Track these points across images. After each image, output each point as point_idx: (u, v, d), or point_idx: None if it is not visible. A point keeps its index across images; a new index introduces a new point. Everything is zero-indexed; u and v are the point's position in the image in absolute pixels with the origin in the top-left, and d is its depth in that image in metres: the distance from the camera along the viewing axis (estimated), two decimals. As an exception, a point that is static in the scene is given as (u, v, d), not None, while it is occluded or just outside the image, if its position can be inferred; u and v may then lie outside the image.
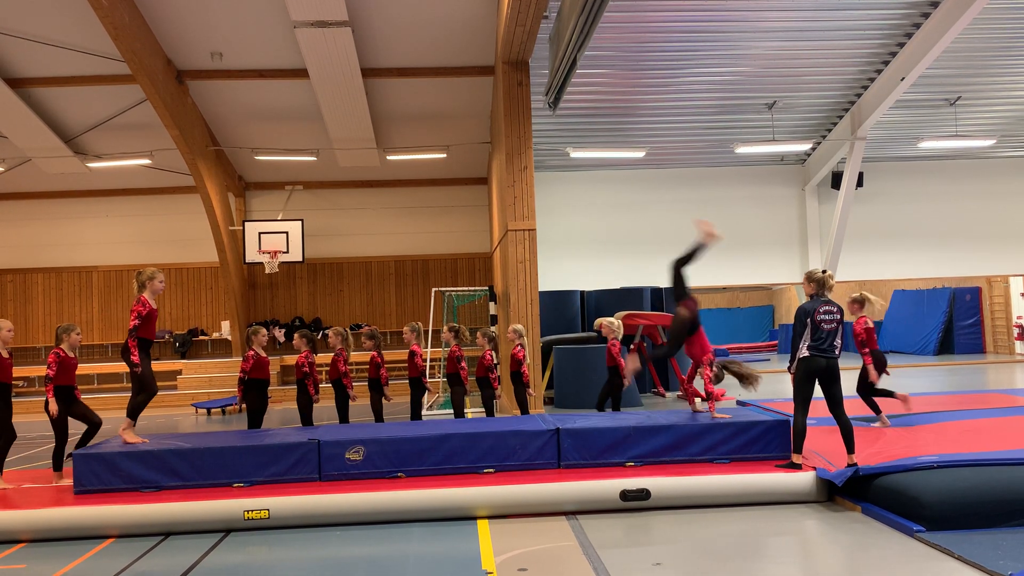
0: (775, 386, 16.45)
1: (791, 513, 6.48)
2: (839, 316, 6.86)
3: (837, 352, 6.85)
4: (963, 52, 15.71)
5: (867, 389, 9.04)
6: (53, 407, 7.52)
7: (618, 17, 14.06)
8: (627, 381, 9.40)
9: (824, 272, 7.09)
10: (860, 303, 8.99)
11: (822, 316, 6.81)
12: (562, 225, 18.90)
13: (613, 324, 9.63)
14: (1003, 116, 18.06)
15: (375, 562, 5.73)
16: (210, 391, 18.09)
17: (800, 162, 19.66)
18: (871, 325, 8.95)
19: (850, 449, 6.77)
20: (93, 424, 7.85)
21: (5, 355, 7.46)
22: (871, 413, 9.07)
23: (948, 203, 19.67)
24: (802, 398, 6.89)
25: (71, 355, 7.78)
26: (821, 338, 6.78)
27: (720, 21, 14.60)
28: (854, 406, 9.04)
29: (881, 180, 19.49)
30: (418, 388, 9.70)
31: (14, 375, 7.73)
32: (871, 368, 8.84)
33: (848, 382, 7.57)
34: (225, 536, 6.38)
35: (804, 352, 6.83)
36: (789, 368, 6.99)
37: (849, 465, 6.64)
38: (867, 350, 8.85)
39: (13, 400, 7.61)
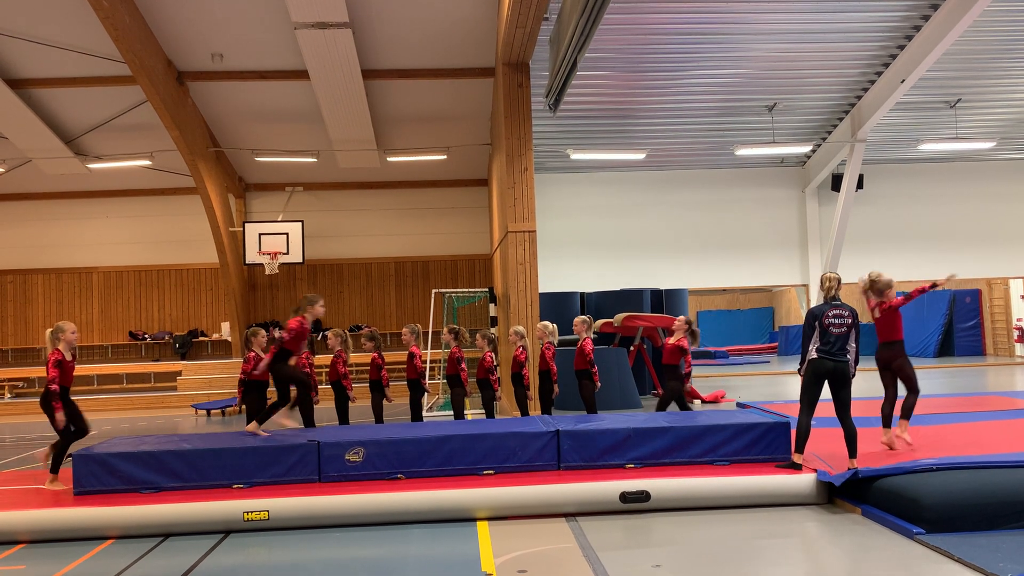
0: (775, 388, 16.46)
1: (791, 515, 6.48)
2: (850, 320, 6.87)
3: (849, 356, 6.85)
4: (963, 54, 15.73)
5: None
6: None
7: (619, 19, 14.08)
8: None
9: (830, 274, 7.13)
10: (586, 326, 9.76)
11: (831, 320, 6.82)
12: (562, 227, 18.90)
13: (547, 328, 9.78)
14: (1003, 118, 18.08)
15: (375, 563, 5.73)
16: (210, 392, 18.09)
17: (800, 164, 19.68)
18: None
19: (852, 453, 6.77)
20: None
21: (69, 357, 7.53)
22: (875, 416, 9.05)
23: (948, 205, 19.68)
24: (809, 399, 6.92)
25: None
26: (830, 341, 6.80)
27: (720, 23, 14.62)
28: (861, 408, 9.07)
29: (881, 182, 19.50)
30: (417, 389, 9.69)
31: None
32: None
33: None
34: (224, 537, 6.38)
35: (813, 354, 6.86)
36: (799, 370, 7.03)
37: (849, 469, 6.64)
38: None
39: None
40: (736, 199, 19.49)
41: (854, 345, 6.91)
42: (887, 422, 7.87)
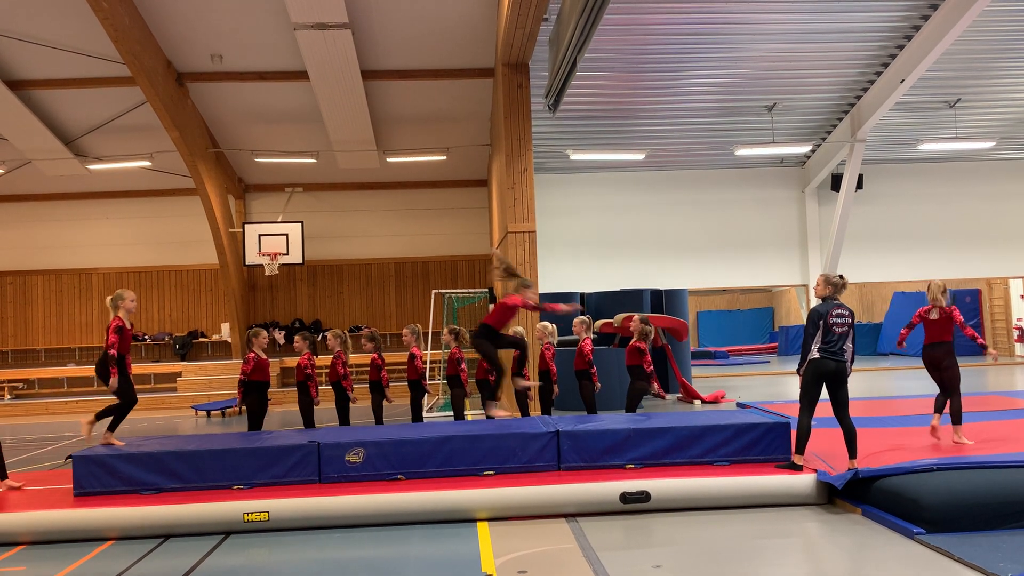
0: (776, 388, 16.46)
1: (791, 515, 6.48)
2: (851, 319, 6.87)
3: (847, 355, 6.85)
4: (962, 54, 15.73)
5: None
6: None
7: (618, 19, 14.08)
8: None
9: (840, 277, 7.10)
10: (588, 326, 9.85)
11: (834, 319, 6.81)
12: (562, 227, 18.91)
13: (547, 328, 9.81)
14: (1002, 118, 18.08)
15: (375, 564, 5.73)
16: (210, 393, 18.09)
17: (800, 164, 19.68)
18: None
19: (852, 454, 6.76)
20: None
21: (128, 326, 7.77)
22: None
23: (948, 205, 19.69)
24: (809, 400, 6.91)
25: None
26: (832, 340, 6.79)
27: (720, 23, 14.62)
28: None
29: (881, 182, 19.50)
30: (417, 390, 9.69)
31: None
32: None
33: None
34: (225, 538, 6.38)
35: (815, 354, 6.84)
36: (798, 370, 7.01)
37: (850, 469, 6.63)
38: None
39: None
40: (736, 199, 19.49)
41: (851, 345, 6.90)
42: (939, 409, 8.11)
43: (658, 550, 5.81)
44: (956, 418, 7.96)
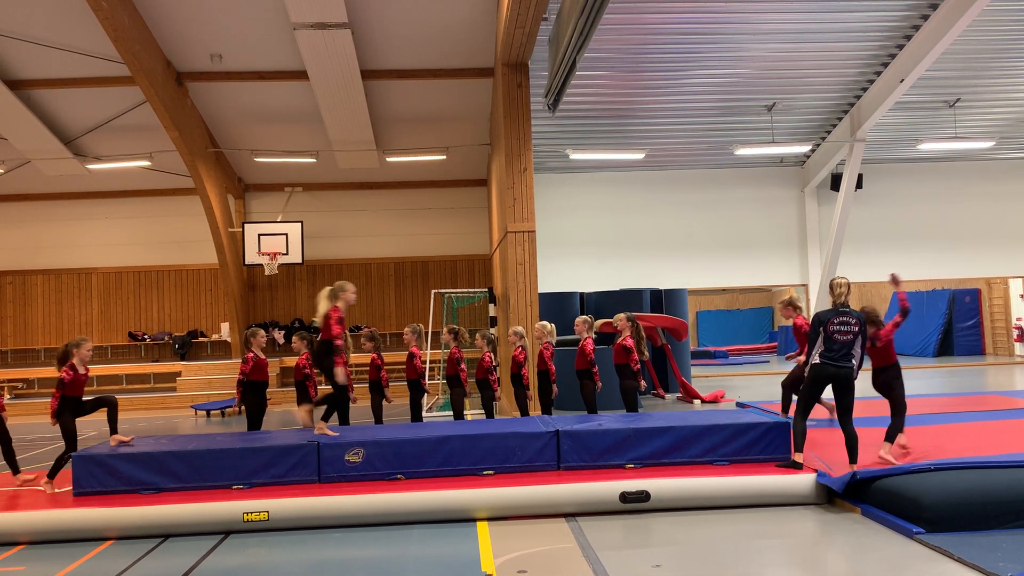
0: (775, 388, 16.42)
1: (791, 515, 6.48)
2: (857, 328, 6.81)
3: (854, 362, 6.81)
4: (962, 54, 15.73)
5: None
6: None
7: (618, 19, 14.08)
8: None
9: (841, 279, 7.04)
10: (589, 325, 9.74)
11: (836, 327, 6.78)
12: (562, 227, 18.90)
13: (546, 328, 9.76)
14: (1002, 118, 18.07)
15: (374, 564, 5.73)
16: (209, 393, 18.08)
17: (799, 164, 19.67)
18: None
19: (852, 459, 6.75)
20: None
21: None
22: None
23: (947, 205, 19.69)
24: (806, 402, 6.92)
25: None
26: (833, 348, 6.76)
27: (720, 23, 14.62)
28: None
29: (880, 182, 19.49)
30: (417, 390, 9.68)
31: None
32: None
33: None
34: (224, 538, 6.38)
35: (816, 359, 6.84)
36: (802, 363, 7.03)
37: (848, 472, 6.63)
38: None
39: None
40: (735, 199, 19.49)
41: (859, 351, 6.87)
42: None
43: (658, 550, 5.81)
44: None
